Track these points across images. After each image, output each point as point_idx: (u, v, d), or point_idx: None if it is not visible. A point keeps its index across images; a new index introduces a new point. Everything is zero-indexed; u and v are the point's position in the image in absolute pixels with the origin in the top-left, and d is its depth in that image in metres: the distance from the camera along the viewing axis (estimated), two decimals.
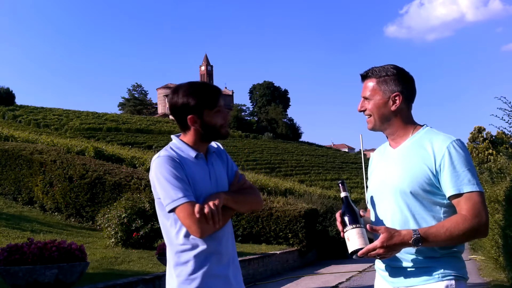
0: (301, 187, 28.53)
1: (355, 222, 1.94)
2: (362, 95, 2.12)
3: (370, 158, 2.31)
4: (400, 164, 2.00)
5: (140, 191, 11.50)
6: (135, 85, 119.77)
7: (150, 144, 53.89)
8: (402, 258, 1.95)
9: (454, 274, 1.91)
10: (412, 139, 2.03)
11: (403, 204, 1.96)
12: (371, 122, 2.10)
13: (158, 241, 9.41)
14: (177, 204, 1.99)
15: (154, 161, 2.11)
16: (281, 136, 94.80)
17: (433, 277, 1.90)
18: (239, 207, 2.15)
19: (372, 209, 2.11)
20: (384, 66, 2.09)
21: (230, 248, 2.17)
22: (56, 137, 31.45)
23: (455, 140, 1.93)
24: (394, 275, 1.99)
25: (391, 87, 2.04)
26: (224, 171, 2.22)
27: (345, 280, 9.76)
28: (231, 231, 2.22)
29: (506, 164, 8.78)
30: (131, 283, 6.09)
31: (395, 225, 1.96)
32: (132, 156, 18.83)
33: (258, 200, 2.24)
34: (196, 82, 2.20)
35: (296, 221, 13.19)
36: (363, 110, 2.11)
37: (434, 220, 1.92)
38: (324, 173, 57.38)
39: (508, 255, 7.25)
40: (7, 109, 63.56)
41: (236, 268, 2.20)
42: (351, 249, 1.92)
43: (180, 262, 2.07)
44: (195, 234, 2.00)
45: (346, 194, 2.04)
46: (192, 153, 2.14)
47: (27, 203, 13.38)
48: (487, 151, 32.87)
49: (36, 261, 4.43)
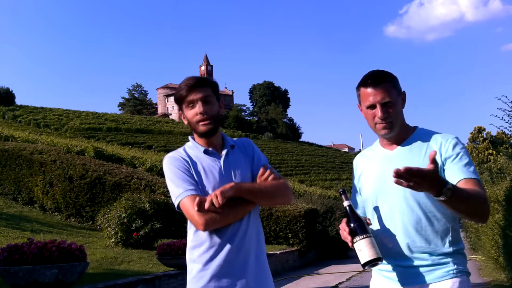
0: (301, 187, 28.54)
1: (364, 232, 1.89)
2: (380, 101, 1.96)
3: (354, 164, 2.23)
4: (407, 163, 1.93)
5: (140, 191, 11.49)
6: (135, 85, 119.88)
7: (150, 144, 53.91)
8: (414, 257, 1.95)
9: (465, 271, 1.96)
10: (412, 139, 2.03)
11: (414, 203, 1.95)
12: (393, 127, 2.00)
13: (158, 241, 9.40)
14: (180, 199, 1.99)
15: (163, 164, 2.14)
16: (281, 136, 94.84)
17: (448, 273, 1.92)
18: (258, 199, 2.02)
19: (372, 214, 2.06)
20: (379, 70, 2.06)
21: (253, 246, 2.04)
22: (56, 137, 31.46)
23: (455, 137, 2.00)
24: (405, 275, 1.97)
25: (399, 88, 2.05)
26: (246, 165, 2.13)
27: (345, 280, 9.76)
28: (255, 227, 2.08)
29: (506, 164, 8.77)
30: (131, 283, 6.08)
31: (406, 225, 1.95)
32: (132, 156, 18.82)
33: (285, 193, 2.06)
34: (189, 76, 2.16)
35: (296, 221, 13.19)
36: (386, 116, 1.97)
37: (444, 217, 1.95)
38: (324, 173, 57.38)
39: (508, 255, 7.25)
40: (7, 109, 63.57)
41: (263, 274, 2.07)
42: (363, 260, 1.87)
43: (191, 259, 2.05)
44: (197, 226, 1.95)
45: (349, 203, 1.97)
46: (201, 149, 2.12)
47: (27, 203, 13.37)
48: (487, 151, 32.81)
49: (36, 261, 4.43)
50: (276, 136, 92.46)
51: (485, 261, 10.74)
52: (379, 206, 2.03)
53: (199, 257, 2.00)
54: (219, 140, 2.16)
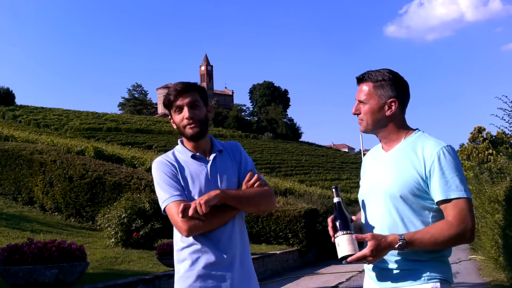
0: (301, 187, 28.53)
1: (345, 228, 1.96)
2: (357, 98, 2.09)
3: (363, 160, 2.30)
4: (391, 167, 2.01)
5: (140, 191, 11.48)
6: (135, 85, 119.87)
7: (150, 144, 53.90)
8: (389, 260, 1.97)
9: (439, 277, 1.92)
10: (404, 143, 2.03)
11: (392, 207, 1.96)
12: (363, 125, 2.09)
13: (158, 241, 9.41)
14: (165, 205, 2.06)
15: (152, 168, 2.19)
16: (281, 136, 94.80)
17: (419, 279, 1.91)
18: (243, 206, 2.09)
19: (363, 212, 2.12)
20: (380, 70, 2.07)
21: (237, 251, 2.10)
22: (56, 137, 31.45)
23: (445, 146, 1.92)
24: (381, 276, 2.01)
25: (387, 93, 2.03)
26: (233, 170, 2.17)
27: (345, 280, 9.76)
28: (239, 232, 2.14)
29: (506, 164, 8.77)
30: (131, 283, 6.09)
31: (383, 228, 1.98)
32: (132, 156, 18.84)
33: (269, 201, 2.16)
34: (179, 82, 2.19)
35: (296, 221, 13.19)
36: (358, 113, 2.09)
37: (423, 224, 1.93)
38: (324, 173, 57.35)
39: (508, 255, 7.25)
40: (7, 109, 63.56)
41: (246, 274, 2.14)
42: (340, 254, 1.95)
43: (179, 260, 2.11)
44: (181, 232, 2.01)
45: (339, 199, 2.04)
46: (189, 154, 2.16)
47: (27, 203, 13.37)
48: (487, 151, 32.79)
49: (36, 261, 4.43)
50: (276, 136, 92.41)
51: (485, 261, 10.74)
52: (366, 205, 2.09)
53: (186, 258, 2.07)
54: (208, 144, 2.20)
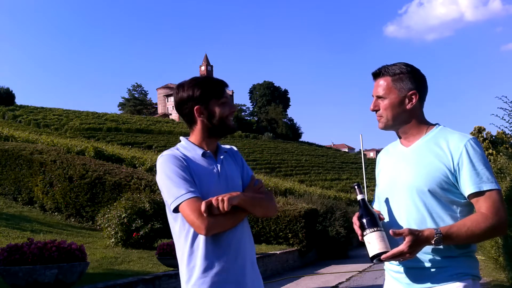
0: (301, 187, 28.49)
1: (374, 225, 1.88)
2: (374, 94, 2.03)
3: (377, 158, 2.24)
4: (415, 163, 1.95)
5: (140, 191, 11.48)
6: (135, 85, 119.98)
7: (150, 144, 53.94)
8: (419, 259, 1.90)
9: (471, 274, 1.88)
10: (426, 137, 1.99)
11: (419, 202, 1.91)
12: (383, 121, 2.03)
13: (158, 241, 9.40)
14: (181, 201, 1.92)
15: (158, 162, 2.06)
16: (281, 136, 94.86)
17: (451, 276, 1.86)
18: (254, 210, 2.05)
19: (383, 209, 2.05)
20: (397, 63, 2.03)
21: (247, 253, 2.08)
22: (56, 137, 31.43)
23: (471, 139, 1.90)
24: (410, 276, 1.94)
25: (407, 85, 1.99)
26: (237, 172, 2.14)
27: (345, 280, 9.76)
28: (248, 235, 2.11)
29: (506, 164, 8.77)
30: (131, 283, 6.08)
31: (411, 223, 1.92)
32: (132, 156, 18.83)
33: (274, 206, 2.15)
34: (200, 76, 2.18)
35: (296, 221, 13.18)
36: (376, 110, 2.03)
37: (451, 218, 1.89)
38: (324, 173, 57.39)
39: (508, 255, 7.25)
40: (7, 109, 63.60)
41: (258, 276, 2.12)
42: (372, 253, 1.86)
43: (188, 266, 1.99)
44: (199, 230, 1.90)
45: (362, 196, 1.97)
46: (199, 151, 2.08)
47: (27, 203, 13.37)
48: (487, 151, 32.77)
49: (36, 261, 4.44)
50: (276, 136, 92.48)
51: (485, 261, 10.74)
52: (389, 202, 2.02)
53: (198, 264, 1.96)
54: (215, 144, 2.17)
